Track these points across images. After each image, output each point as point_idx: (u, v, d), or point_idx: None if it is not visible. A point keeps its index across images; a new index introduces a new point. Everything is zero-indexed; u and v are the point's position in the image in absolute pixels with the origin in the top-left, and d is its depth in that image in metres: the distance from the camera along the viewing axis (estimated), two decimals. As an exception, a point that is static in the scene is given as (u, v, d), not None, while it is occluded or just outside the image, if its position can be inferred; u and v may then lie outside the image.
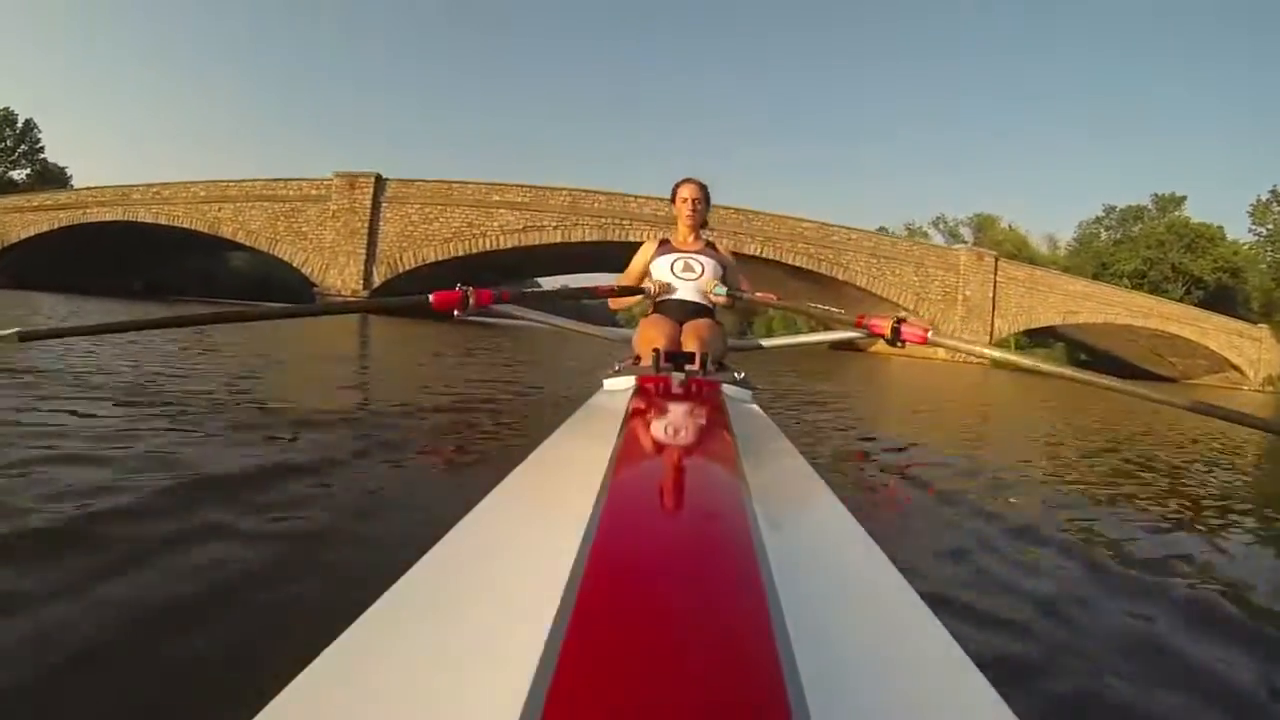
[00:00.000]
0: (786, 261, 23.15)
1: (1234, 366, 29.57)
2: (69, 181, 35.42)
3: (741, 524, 0.51)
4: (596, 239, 22.16)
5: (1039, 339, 31.05)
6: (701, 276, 2.27)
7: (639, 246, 2.48)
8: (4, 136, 35.10)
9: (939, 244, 32.98)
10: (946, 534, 1.56)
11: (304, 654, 0.39)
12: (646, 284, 2.29)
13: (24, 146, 35.92)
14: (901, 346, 2.01)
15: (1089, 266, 36.43)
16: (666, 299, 2.26)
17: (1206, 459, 3.63)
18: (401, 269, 21.89)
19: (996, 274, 25.28)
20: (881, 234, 26.82)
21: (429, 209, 22.17)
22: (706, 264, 2.29)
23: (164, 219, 22.89)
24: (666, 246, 2.37)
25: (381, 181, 22.17)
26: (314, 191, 22.26)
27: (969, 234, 44.20)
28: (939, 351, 19.95)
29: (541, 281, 41.51)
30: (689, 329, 2.05)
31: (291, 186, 22.52)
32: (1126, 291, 29.69)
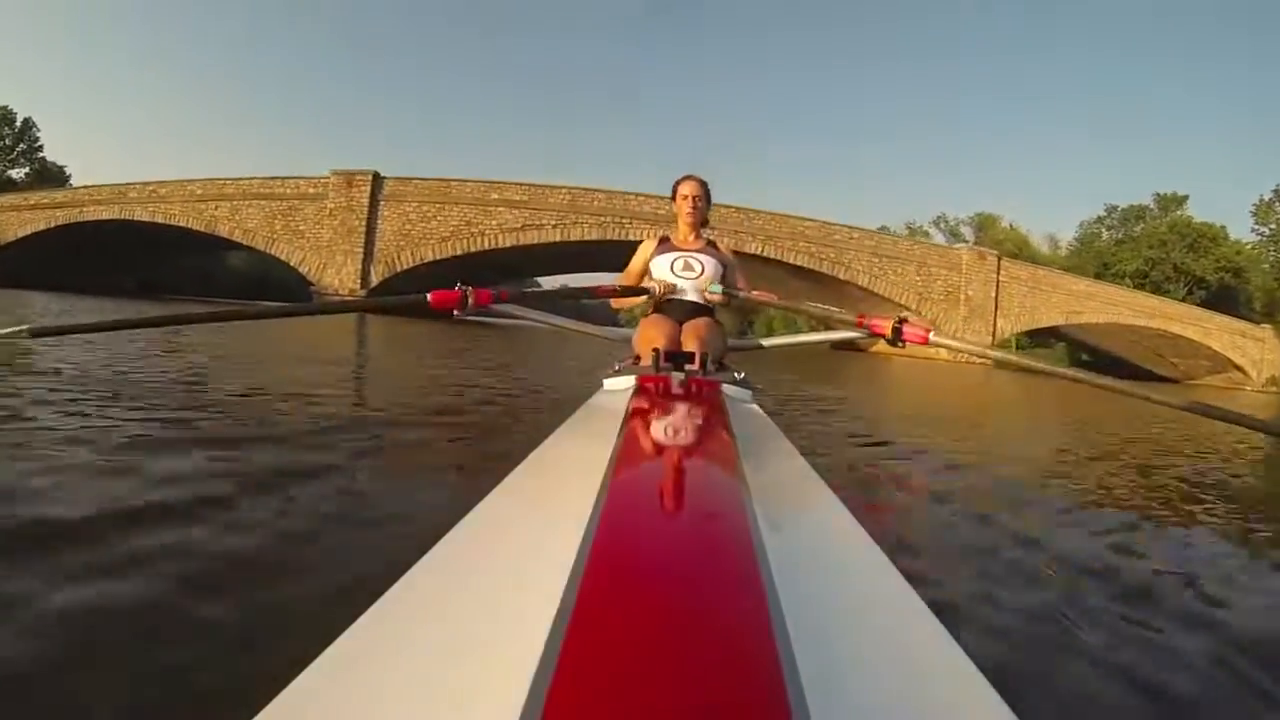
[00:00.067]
0: (788, 261, 23.04)
1: (1237, 367, 29.45)
2: (68, 180, 35.36)
3: (741, 524, 0.51)
4: (596, 238, 22.07)
5: (1040, 339, 30.98)
6: (701, 276, 2.24)
7: (639, 245, 2.45)
8: (2, 135, 35.06)
9: (941, 243, 32.86)
10: (947, 534, 1.58)
11: (304, 654, 0.39)
12: (651, 284, 2.25)
13: (23, 145, 35.93)
14: (902, 346, 2.02)
15: (1091, 266, 36.31)
16: (667, 298, 2.24)
17: (1206, 459, 3.65)
18: (399, 268, 21.82)
19: (999, 273, 25.14)
20: (883, 233, 26.68)
21: (427, 207, 22.09)
22: (707, 263, 2.26)
23: (160, 217, 22.80)
24: (667, 245, 2.34)
25: (379, 179, 22.09)
26: (311, 190, 22.18)
27: (970, 233, 44.13)
28: (941, 351, 19.87)
29: (541, 281, 41.51)
30: (689, 329, 2.04)
31: (288, 185, 22.43)
32: (1129, 291, 29.55)
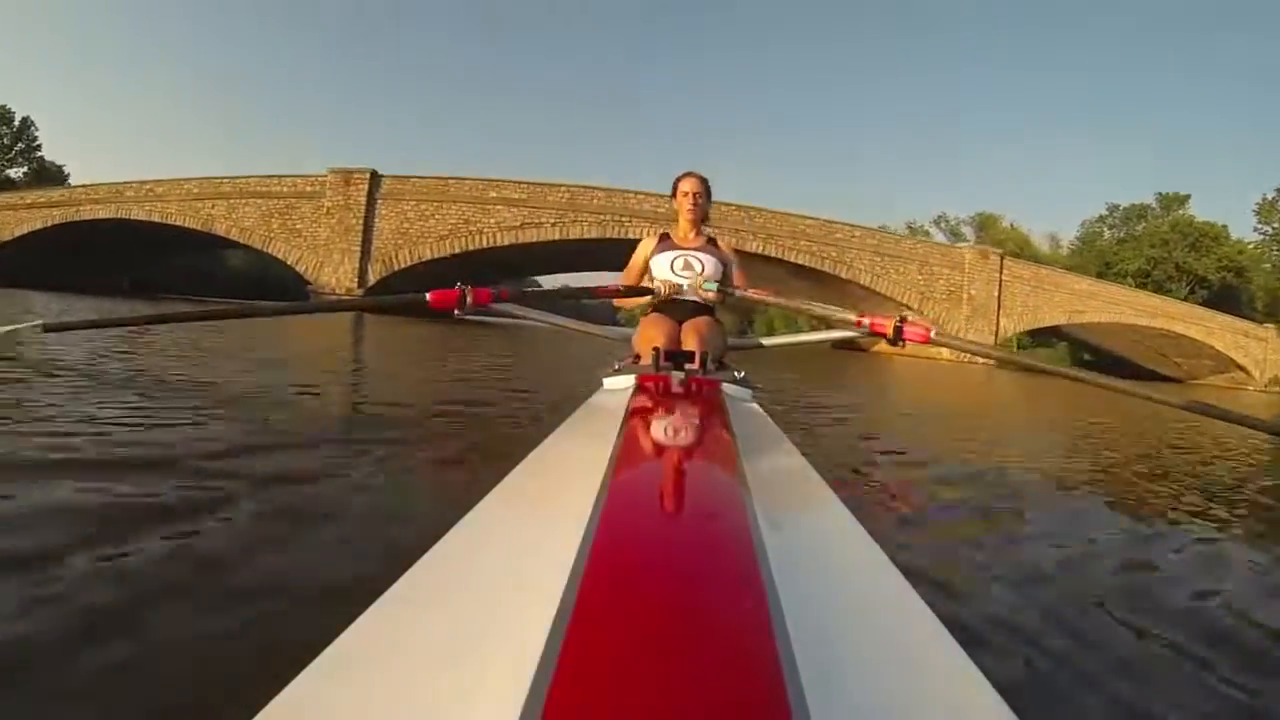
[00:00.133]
0: (789, 260, 22.87)
1: (1240, 367, 29.26)
2: (67, 180, 35.18)
3: (741, 523, 0.52)
4: (595, 236, 21.91)
5: (1041, 339, 30.81)
6: (701, 275, 2.23)
7: (639, 244, 2.44)
8: (1, 135, 34.88)
9: (943, 242, 32.69)
10: (948, 534, 1.58)
11: (304, 653, 0.39)
12: (656, 285, 2.23)
13: (21, 144, 35.73)
14: (903, 346, 2.04)
15: (1092, 266, 36.11)
16: (668, 298, 2.23)
17: (1205, 458, 3.66)
18: (397, 266, 21.68)
19: (1002, 272, 24.94)
20: (885, 232, 26.51)
21: (425, 205, 21.94)
22: (706, 261, 2.24)
23: (157, 216, 22.63)
24: (667, 242, 2.33)
25: (377, 178, 21.95)
26: (308, 188, 22.02)
27: (970, 233, 43.87)
28: (943, 351, 19.74)
29: (541, 280, 41.36)
30: (689, 328, 2.04)
31: (285, 183, 22.26)
32: (1132, 290, 29.38)
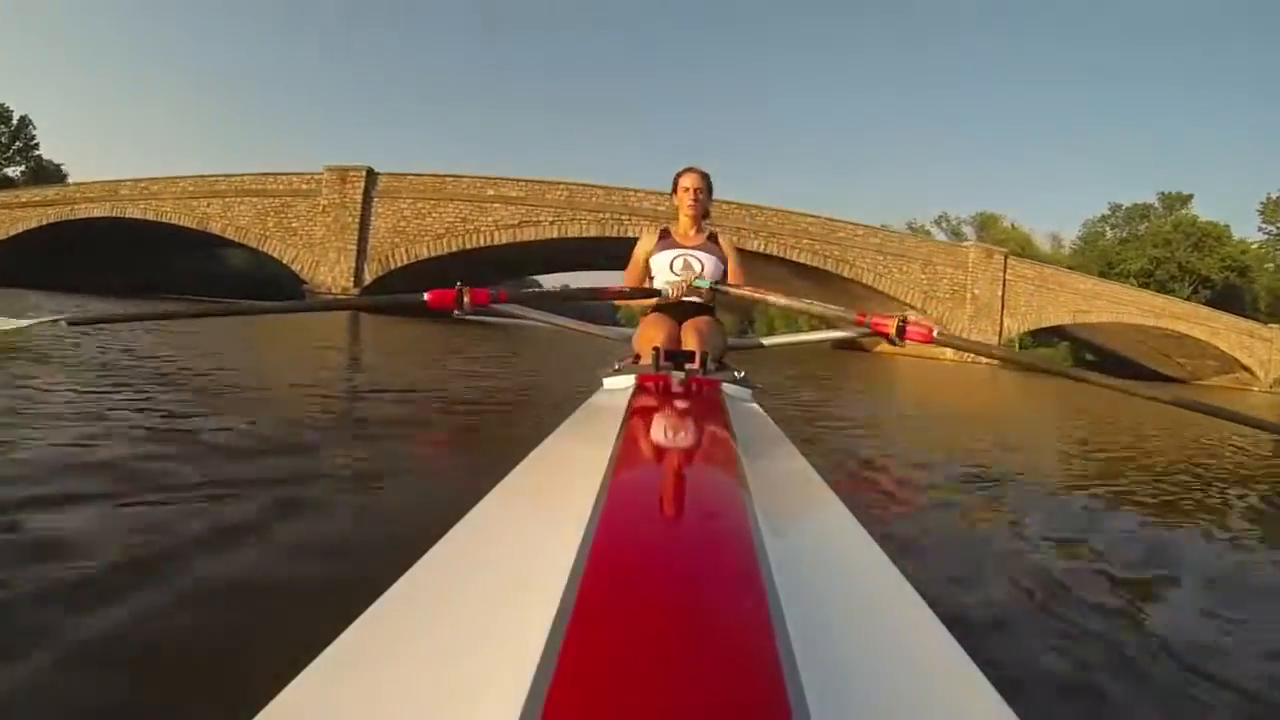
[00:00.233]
0: (790, 258, 22.64)
1: (1244, 367, 29.03)
2: (65, 178, 34.99)
3: (741, 523, 0.52)
4: (594, 234, 21.69)
5: (1043, 338, 30.60)
6: (701, 275, 2.20)
7: (638, 242, 2.40)
8: (-2, 133, 34.74)
9: (945, 241, 32.48)
10: (948, 534, 1.58)
11: (304, 653, 0.39)
12: (665, 286, 2.18)
13: (19, 143, 35.58)
14: (903, 345, 2.02)
15: (1095, 265, 35.92)
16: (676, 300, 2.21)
17: (1204, 458, 3.64)
18: (394, 265, 21.47)
19: (1005, 272, 24.69)
20: (887, 231, 26.28)
21: (421, 204, 21.71)
22: (706, 260, 2.21)
23: (152, 214, 22.40)
24: (667, 239, 2.30)
25: (373, 175, 21.71)
26: (304, 186, 21.79)
27: (971, 233, 43.61)
28: (946, 351, 19.53)
29: (541, 280, 41.17)
30: (689, 327, 2.02)
31: (281, 181, 22.02)
32: (1136, 290, 29.15)
